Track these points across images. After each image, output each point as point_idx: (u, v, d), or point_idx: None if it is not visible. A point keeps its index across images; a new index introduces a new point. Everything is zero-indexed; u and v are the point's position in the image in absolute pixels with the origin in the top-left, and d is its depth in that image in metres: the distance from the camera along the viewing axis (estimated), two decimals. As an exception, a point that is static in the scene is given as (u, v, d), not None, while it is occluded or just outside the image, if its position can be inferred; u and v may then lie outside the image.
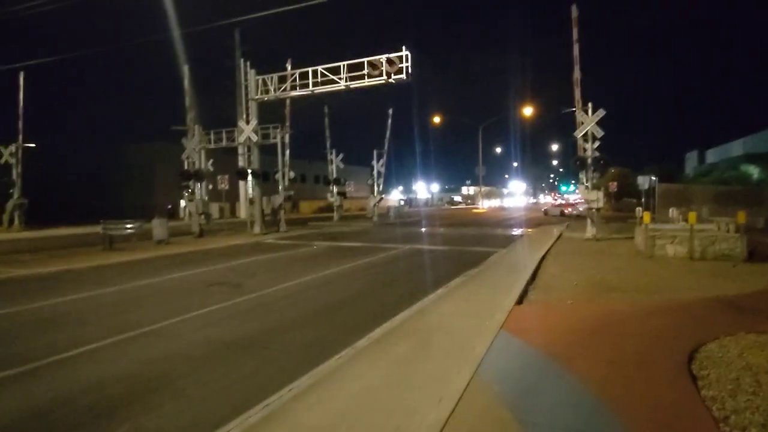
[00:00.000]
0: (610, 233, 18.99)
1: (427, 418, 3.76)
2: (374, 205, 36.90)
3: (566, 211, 39.84)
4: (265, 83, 23.29)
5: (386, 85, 20.75)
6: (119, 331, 6.69)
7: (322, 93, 22.46)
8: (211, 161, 28.07)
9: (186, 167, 25.65)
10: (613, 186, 34.64)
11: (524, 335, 5.78)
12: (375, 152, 38.01)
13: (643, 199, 25.58)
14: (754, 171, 37.77)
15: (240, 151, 24.32)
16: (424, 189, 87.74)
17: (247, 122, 23.48)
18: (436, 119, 49.94)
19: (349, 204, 60.99)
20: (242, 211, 34.43)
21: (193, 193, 24.64)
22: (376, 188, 38.22)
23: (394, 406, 4.05)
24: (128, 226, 19.15)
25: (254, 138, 23.53)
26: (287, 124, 28.14)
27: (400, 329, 6.38)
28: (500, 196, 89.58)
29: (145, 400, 4.54)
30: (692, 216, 12.36)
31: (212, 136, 27.38)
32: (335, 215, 38.10)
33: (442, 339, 5.84)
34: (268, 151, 27.40)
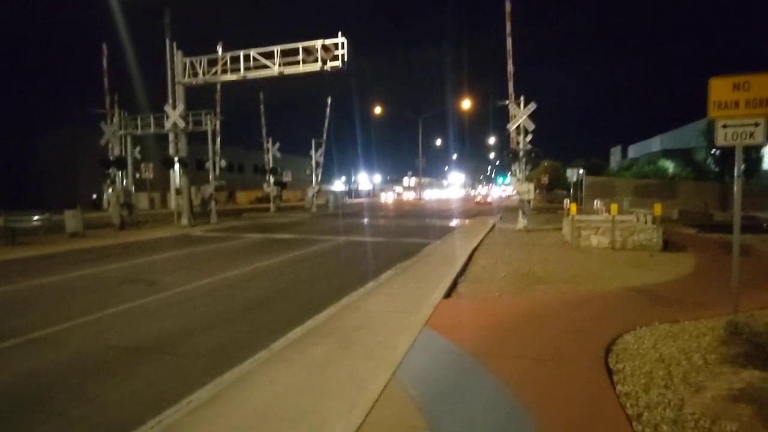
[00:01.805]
0: (540, 224, 19.58)
1: (336, 429, 3.43)
2: (312, 195, 36.13)
3: (482, 201, 50.10)
4: (193, 66, 21.94)
5: (322, 73, 20.11)
6: (-1, 339, 5.84)
7: (254, 78, 21.44)
8: (138, 148, 26.18)
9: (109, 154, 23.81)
10: (545, 178, 36.00)
11: (448, 332, 5.59)
12: (313, 142, 37.19)
13: (571, 191, 26.71)
14: (669, 165, 40.63)
15: (171, 138, 22.80)
16: (366, 180, 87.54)
17: (174, 107, 22.03)
18: (377, 110, 49.69)
19: (288, 195, 59.61)
20: (173, 202, 32.67)
21: (113, 182, 22.83)
22: (314, 178, 37.42)
23: (303, 416, 3.69)
24: (35, 217, 17.39)
25: (181, 124, 22.17)
26: (218, 110, 26.77)
27: (321, 328, 6.01)
28: (441, 187, 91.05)
29: (7, 425, 3.87)
30: (614, 207, 12.87)
31: (139, 122, 25.50)
32: (272, 206, 36.96)
33: (365, 338, 5.54)
34: (202, 138, 25.95)
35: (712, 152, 36.50)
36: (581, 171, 26.20)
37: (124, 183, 24.33)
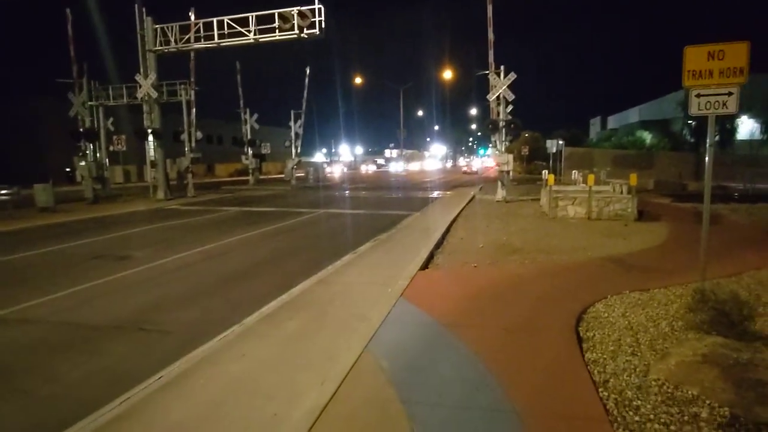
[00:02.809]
0: (519, 195, 19.72)
1: (307, 402, 3.43)
2: (292, 168, 35.61)
3: (469, 170, 53.57)
4: (165, 33, 21.04)
5: (299, 41, 19.54)
6: (-41, 318, 5.66)
7: (229, 46, 20.71)
8: (111, 120, 25.27)
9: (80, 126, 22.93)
10: (525, 150, 36.10)
11: (423, 303, 5.60)
12: (292, 113, 36.41)
13: (551, 162, 26.88)
14: (647, 136, 41.14)
15: (145, 109, 22.01)
16: (348, 151, 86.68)
17: (146, 76, 21.22)
18: (358, 80, 48.89)
19: (268, 167, 58.67)
20: (149, 175, 31.92)
21: (85, 154, 22.09)
22: (294, 150, 36.80)
23: (275, 390, 3.68)
24: (2, 191, 16.81)
25: (154, 94, 21.43)
26: (192, 79, 25.83)
27: (297, 301, 5.97)
28: (422, 159, 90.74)
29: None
30: (591, 178, 12.97)
31: (111, 92, 24.53)
32: (251, 179, 36.38)
33: (340, 310, 5.53)
34: (178, 109, 25.17)
35: (688, 123, 37.06)
36: (561, 142, 26.31)
37: (97, 156, 23.59)
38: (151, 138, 21.78)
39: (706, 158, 6.00)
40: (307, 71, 34.63)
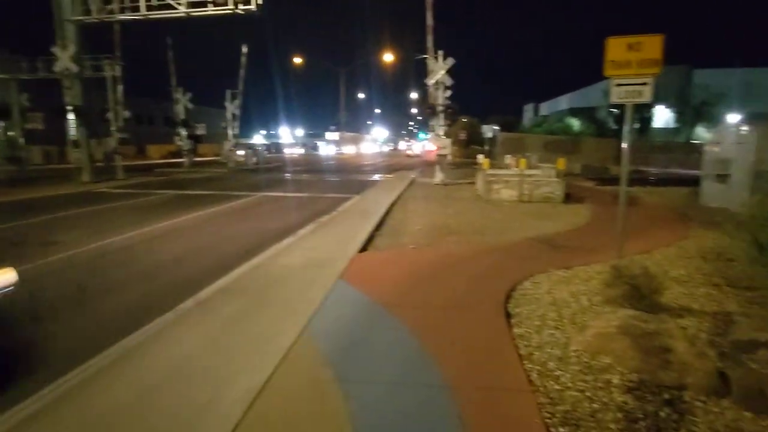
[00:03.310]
0: (456, 178, 20.24)
1: (242, 386, 3.39)
2: (229, 150, 34.37)
3: (412, 154, 55.83)
4: (84, 2, 19.37)
5: (234, 17, 18.69)
6: None
7: (158, 19, 19.44)
8: (26, 95, 23.09)
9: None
10: (463, 134, 37.00)
11: (362, 284, 5.67)
12: (228, 92, 34.94)
13: (487, 147, 27.74)
14: (575, 123, 43.44)
15: (65, 84, 20.22)
16: (288, 133, 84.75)
17: (63, 48, 19.50)
18: (298, 60, 47.56)
19: (204, 149, 56.11)
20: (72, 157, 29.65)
21: (-7, 133, 20.16)
22: (230, 132, 35.46)
23: (210, 374, 3.60)
24: None
25: (74, 68, 19.77)
26: (118, 53, 24.06)
27: (234, 286, 5.83)
28: (364, 141, 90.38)
29: None
30: (522, 162, 13.56)
31: (25, 65, 22.37)
32: (186, 161, 34.72)
33: (279, 294, 5.47)
34: (104, 86, 23.42)
35: (612, 111, 39.50)
36: (496, 128, 27.24)
37: (10, 134, 21.56)
38: (72, 116, 20.14)
39: (623, 144, 6.45)
40: (244, 50, 33.29)
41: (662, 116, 39.38)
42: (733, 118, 35.86)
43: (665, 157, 27.39)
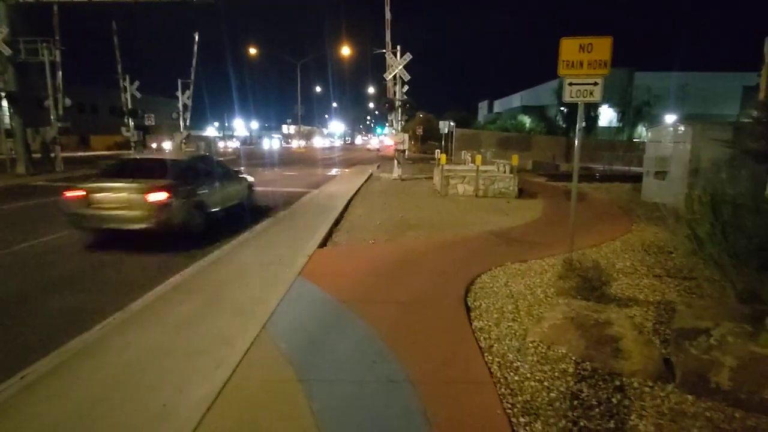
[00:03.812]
0: (414, 173, 20.42)
1: (200, 389, 3.27)
2: (181, 142, 33.07)
3: (376, 149, 52.32)
4: (18, -20, 18.02)
5: (187, 3, 17.97)
6: None
7: (102, 2, 18.37)
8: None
9: None
10: (420, 129, 37.32)
11: (321, 281, 5.60)
12: (180, 82, 33.55)
13: (443, 142, 28.13)
14: (527, 121, 44.77)
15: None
16: (243, 126, 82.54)
17: (-7, 29, 18.08)
18: (252, 51, 46.27)
19: (155, 141, 53.65)
20: (3, 147, 27.56)
21: None
22: (182, 123, 34.11)
23: (165, 379, 3.45)
24: None
25: (6, 51, 18.38)
26: (57, 37, 22.49)
27: (188, 284, 5.63)
28: (320, 135, 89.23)
29: None
30: (478, 159, 13.84)
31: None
32: (133, 153, 33.11)
33: (235, 292, 5.32)
34: (42, 72, 21.82)
35: (561, 110, 41.00)
36: (452, 123, 27.62)
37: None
38: (4, 103, 18.71)
39: (575, 141, 6.70)
40: (196, 37, 32.04)
41: (606, 115, 41.27)
42: (670, 118, 38.11)
43: (609, 155, 28.68)
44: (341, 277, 5.84)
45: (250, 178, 11.51)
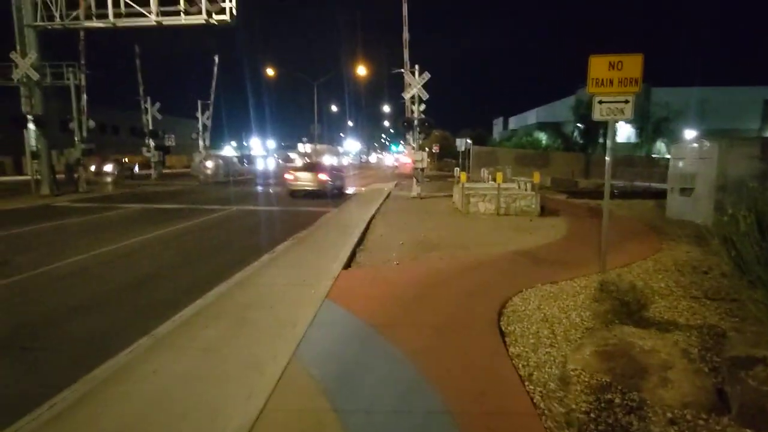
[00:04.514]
0: (432, 192, 20.34)
1: (232, 421, 3.17)
2: (200, 161, 33.58)
3: (401, 166, 48.32)
4: (48, 7, 18.65)
5: (207, 26, 18.36)
6: None
7: (128, 27, 18.86)
8: (-23, 103, 21.93)
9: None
10: (436, 147, 37.36)
11: (349, 304, 5.50)
12: (199, 103, 34.30)
13: (460, 160, 28.07)
14: (542, 137, 44.59)
15: (23, 92, 19.28)
16: (260, 145, 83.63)
17: (23, 55, 18.68)
18: (270, 72, 47.11)
19: (173, 160, 54.62)
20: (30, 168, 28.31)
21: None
22: (201, 143, 34.76)
23: (194, 408, 3.35)
24: None
25: (34, 76, 18.92)
26: (83, 62, 23.25)
27: (213, 307, 5.56)
28: (331, 154, 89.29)
29: None
30: (499, 176, 13.71)
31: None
32: (153, 173, 33.76)
33: (261, 315, 5.24)
34: (64, 94, 22.53)
35: (578, 126, 40.75)
36: (469, 141, 27.60)
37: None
38: (31, 126, 19.22)
39: (606, 159, 6.56)
40: (216, 59, 32.82)
41: (624, 131, 40.86)
42: (690, 134, 37.56)
43: (628, 171, 28.29)
44: (368, 300, 5.73)
45: (343, 174, 22.92)
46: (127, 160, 39.03)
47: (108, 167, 28.12)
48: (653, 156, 37.14)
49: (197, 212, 14.64)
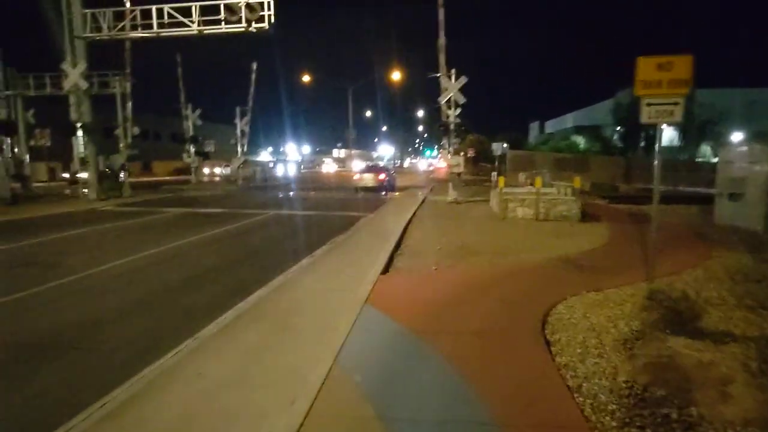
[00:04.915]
0: (468, 196, 20.12)
1: (277, 425, 3.20)
2: (238, 167, 34.43)
3: (435, 170, 47.92)
4: (96, 19, 19.53)
5: (247, 35, 18.84)
6: None
7: (170, 37, 19.54)
8: (32, 111, 23.25)
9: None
10: (471, 152, 37.02)
11: (389, 309, 5.49)
12: (238, 109, 35.19)
13: (496, 164, 27.70)
14: (580, 141, 43.51)
15: (72, 101, 20.29)
16: (295, 151, 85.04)
17: (73, 65, 19.64)
18: (306, 78, 47.95)
19: (212, 165, 56.19)
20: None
21: (1, 150, 20.18)
22: (239, 149, 35.60)
23: (239, 412, 3.40)
24: None
25: (83, 85, 19.82)
26: (128, 71, 24.28)
27: (254, 311, 5.66)
28: (370, 159, 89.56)
29: None
30: (538, 181, 13.44)
31: (32, 81, 22.54)
32: (193, 178, 34.87)
33: (302, 320, 5.29)
34: (112, 103, 23.57)
35: (618, 129, 39.56)
36: (505, 145, 27.20)
37: (16, 151, 21.63)
38: (80, 133, 20.17)
39: (655, 162, 6.33)
40: (254, 67, 33.63)
41: (666, 134, 39.42)
42: (737, 137, 35.82)
43: (671, 175, 27.21)
44: (408, 305, 5.70)
45: (394, 174, 28.16)
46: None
47: (217, 169, 30.74)
48: (698, 160, 35.62)
49: (236, 216, 14.98)
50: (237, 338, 4.79)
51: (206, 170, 40.55)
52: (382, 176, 24.20)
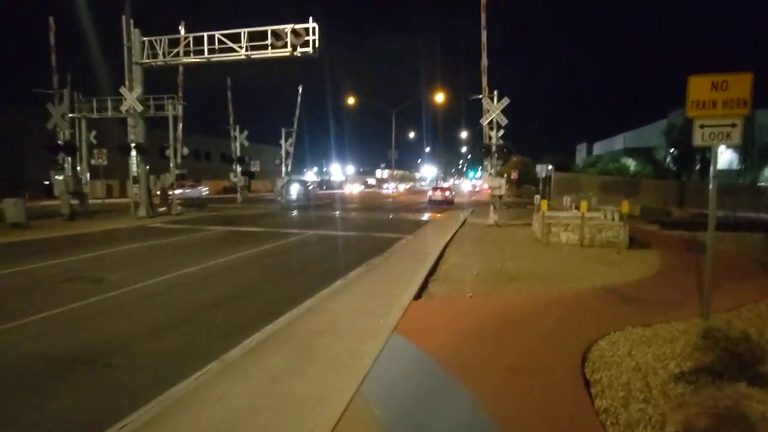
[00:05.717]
0: (510, 219, 19.61)
1: (295, 459, 3.06)
2: (282, 186, 35.23)
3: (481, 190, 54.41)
4: (152, 46, 20.75)
5: (292, 59, 19.46)
6: None
7: (219, 62, 20.48)
8: (94, 132, 24.73)
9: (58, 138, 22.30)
10: (514, 174, 36.34)
11: (419, 338, 5.28)
12: (283, 131, 36.25)
13: (541, 187, 26.97)
14: (631, 163, 41.86)
15: (130, 122, 21.52)
16: (339, 171, 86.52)
17: (131, 89, 20.83)
18: (350, 100, 48.87)
19: (257, 185, 58.05)
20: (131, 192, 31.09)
21: (62, 168, 21.50)
22: (284, 169, 36.54)
23: (258, 440, 3.29)
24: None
25: (138, 108, 20.95)
26: (180, 94, 25.57)
27: (282, 334, 5.59)
28: (413, 180, 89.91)
29: None
30: (583, 205, 12.88)
31: (95, 104, 24.04)
32: (239, 197, 35.95)
33: (329, 344, 5.17)
34: (164, 123, 24.83)
35: (671, 152, 37.80)
36: (550, 167, 26.47)
37: (77, 169, 23.02)
38: (134, 153, 21.25)
39: (710, 187, 5.88)
40: (300, 90, 34.63)
41: (725, 157, 37.16)
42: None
43: (731, 200, 25.56)
44: (439, 335, 5.47)
45: (454, 192, 37.11)
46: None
47: (293, 189, 33.02)
48: (760, 184, 33.37)
49: (276, 236, 15.19)
50: (263, 361, 4.72)
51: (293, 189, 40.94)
52: (447, 193, 33.74)
